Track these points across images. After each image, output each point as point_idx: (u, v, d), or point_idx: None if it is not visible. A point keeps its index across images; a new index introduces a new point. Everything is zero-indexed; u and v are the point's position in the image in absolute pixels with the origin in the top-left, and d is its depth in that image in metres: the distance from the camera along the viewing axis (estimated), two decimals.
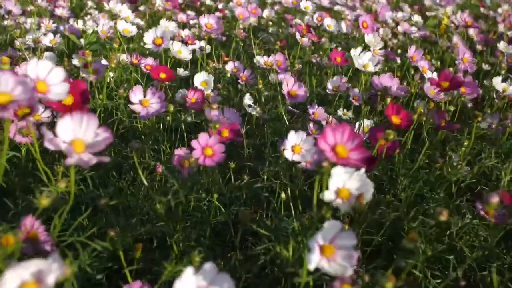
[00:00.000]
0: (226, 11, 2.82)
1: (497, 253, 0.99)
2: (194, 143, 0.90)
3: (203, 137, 0.91)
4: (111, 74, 1.44)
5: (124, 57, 1.47)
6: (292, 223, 0.96)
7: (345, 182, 0.67)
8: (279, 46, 2.05)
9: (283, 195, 1.03)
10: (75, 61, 1.65)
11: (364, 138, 1.20)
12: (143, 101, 1.08)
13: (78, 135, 0.63)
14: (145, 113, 1.07)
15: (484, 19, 2.99)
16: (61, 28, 2.01)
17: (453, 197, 1.13)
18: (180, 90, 1.39)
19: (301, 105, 1.53)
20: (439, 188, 1.10)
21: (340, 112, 1.53)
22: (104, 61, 1.32)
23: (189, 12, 2.72)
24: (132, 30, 1.55)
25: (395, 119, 0.97)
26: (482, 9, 3.08)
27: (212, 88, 1.40)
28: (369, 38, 1.39)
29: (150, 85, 1.43)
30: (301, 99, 1.29)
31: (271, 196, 1.14)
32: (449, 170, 1.00)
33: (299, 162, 0.95)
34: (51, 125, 0.97)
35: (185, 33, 2.08)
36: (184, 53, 1.50)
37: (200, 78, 1.40)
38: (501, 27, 2.44)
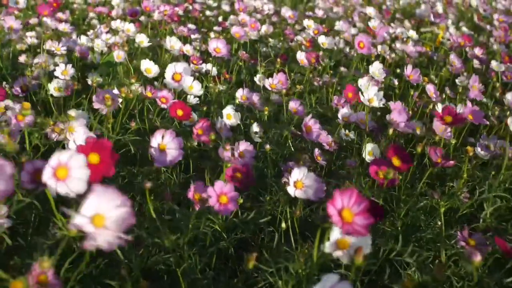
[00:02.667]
0: (227, 24, 2.86)
1: (487, 282, 1.03)
2: (210, 190, 0.94)
3: (218, 185, 0.95)
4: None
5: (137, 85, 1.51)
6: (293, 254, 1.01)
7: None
8: (280, 63, 2.09)
9: (283, 224, 1.07)
10: (90, 81, 1.69)
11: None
12: (160, 145, 1.06)
13: (101, 210, 0.64)
14: (162, 160, 1.04)
15: (480, 31, 3.04)
16: (68, 43, 2.04)
17: (450, 224, 1.17)
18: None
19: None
20: (436, 216, 1.15)
21: (342, 133, 1.58)
22: (115, 91, 1.34)
23: (190, 25, 2.75)
24: (155, 71, 1.55)
25: (396, 162, 1.01)
26: (478, 21, 3.12)
27: (238, 121, 1.44)
28: (363, 81, 1.43)
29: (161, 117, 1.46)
30: (315, 138, 1.33)
31: (273, 221, 1.19)
32: (442, 202, 1.05)
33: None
34: None
35: (186, 48, 2.12)
36: (195, 88, 1.52)
37: (227, 111, 1.45)
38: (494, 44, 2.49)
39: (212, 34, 2.70)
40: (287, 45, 2.57)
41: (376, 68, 1.50)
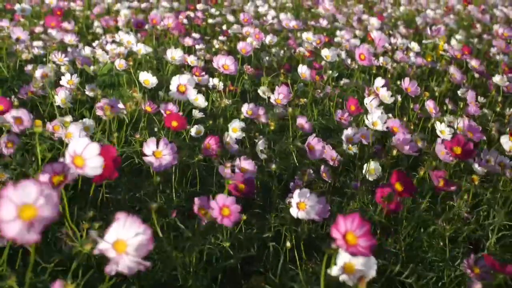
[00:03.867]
0: (230, 32, 2.89)
1: None
2: (212, 203, 0.96)
3: (221, 197, 0.97)
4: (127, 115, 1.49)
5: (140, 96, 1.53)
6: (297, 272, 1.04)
7: (351, 258, 0.75)
8: (283, 74, 2.12)
9: (288, 244, 1.09)
10: (88, 92, 1.72)
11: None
12: (156, 153, 1.12)
13: (122, 237, 0.68)
14: (158, 165, 1.11)
15: (479, 40, 3.06)
16: (73, 54, 2.07)
17: (453, 245, 1.19)
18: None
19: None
20: (438, 237, 1.17)
21: (344, 146, 1.59)
22: (120, 105, 1.37)
23: (194, 34, 2.77)
24: (153, 82, 1.59)
25: (399, 187, 1.04)
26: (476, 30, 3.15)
27: (243, 134, 1.48)
28: (367, 100, 1.45)
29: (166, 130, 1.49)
30: (318, 156, 1.35)
31: (278, 236, 1.21)
32: (447, 227, 1.07)
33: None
34: None
35: (190, 59, 2.14)
36: (200, 100, 1.57)
37: (233, 125, 1.49)
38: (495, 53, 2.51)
39: (215, 42, 2.73)
40: (290, 53, 2.59)
41: (384, 92, 1.52)
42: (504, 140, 1.37)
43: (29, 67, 1.95)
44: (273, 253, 1.21)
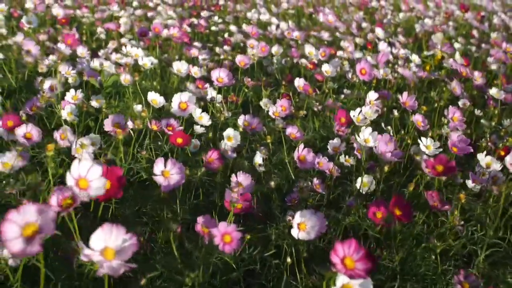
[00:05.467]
0: (231, 39, 2.93)
1: None
2: (214, 231, 1.01)
3: (222, 225, 1.03)
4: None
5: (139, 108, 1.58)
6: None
7: (349, 280, 0.80)
8: (284, 86, 2.16)
9: (288, 259, 1.14)
10: (94, 103, 1.77)
11: None
12: (164, 172, 1.18)
13: (109, 244, 0.76)
14: (166, 184, 1.16)
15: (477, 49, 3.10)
16: (81, 65, 2.11)
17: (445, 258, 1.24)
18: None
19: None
20: (430, 251, 1.22)
21: (342, 159, 1.63)
22: (130, 123, 1.42)
23: (196, 43, 2.82)
24: (161, 102, 1.64)
25: (397, 211, 1.09)
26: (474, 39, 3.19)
27: (238, 142, 1.54)
28: (366, 109, 1.49)
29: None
30: (310, 166, 1.40)
31: (278, 249, 1.26)
32: (437, 244, 1.12)
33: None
34: None
35: (194, 70, 2.18)
36: (205, 119, 1.63)
37: (228, 134, 1.54)
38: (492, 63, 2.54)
39: (218, 49, 2.78)
40: (292, 63, 2.63)
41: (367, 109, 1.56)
42: (481, 157, 1.40)
43: (38, 79, 1.99)
44: (274, 266, 1.26)
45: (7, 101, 1.93)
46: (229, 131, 1.57)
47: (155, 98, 1.62)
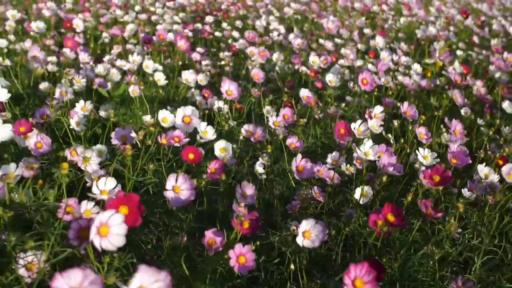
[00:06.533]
0: (236, 45, 2.97)
1: None
2: (230, 252, 1.06)
3: (238, 247, 1.07)
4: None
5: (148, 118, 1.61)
6: None
7: None
8: (286, 94, 2.20)
9: (292, 266, 1.18)
10: (102, 113, 1.81)
11: None
12: (175, 188, 1.19)
13: (144, 284, 0.75)
14: (176, 200, 1.17)
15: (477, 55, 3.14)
16: (86, 72, 2.15)
17: (443, 264, 1.28)
18: None
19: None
20: (428, 258, 1.26)
21: (343, 167, 1.67)
22: (133, 134, 1.45)
23: (198, 49, 2.86)
24: (172, 120, 1.61)
25: (391, 218, 1.13)
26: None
27: (230, 153, 1.55)
28: (372, 122, 1.52)
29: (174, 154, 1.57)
30: (307, 175, 1.44)
31: (281, 255, 1.30)
32: (435, 251, 1.16)
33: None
34: None
35: (199, 77, 2.22)
36: (209, 133, 1.63)
37: (220, 145, 1.56)
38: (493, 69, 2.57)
39: (221, 54, 2.81)
40: (294, 69, 2.66)
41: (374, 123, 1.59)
42: (480, 168, 1.44)
43: (43, 85, 2.03)
44: (277, 272, 1.30)
45: (16, 107, 1.97)
46: (220, 143, 1.58)
47: (166, 117, 1.60)
